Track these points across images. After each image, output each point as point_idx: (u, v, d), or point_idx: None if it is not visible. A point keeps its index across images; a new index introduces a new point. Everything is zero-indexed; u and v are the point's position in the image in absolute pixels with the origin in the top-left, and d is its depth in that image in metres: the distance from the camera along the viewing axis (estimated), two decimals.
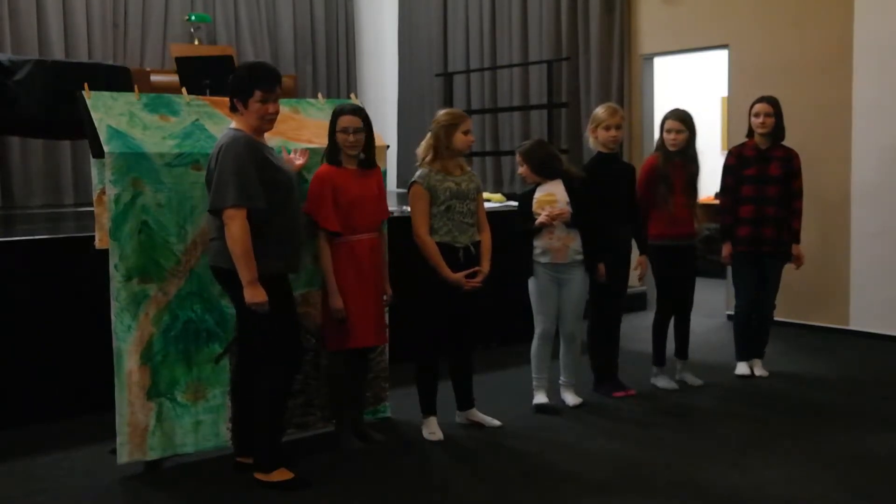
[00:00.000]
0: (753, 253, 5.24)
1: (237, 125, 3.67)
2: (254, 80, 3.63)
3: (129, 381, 3.79)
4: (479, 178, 4.54)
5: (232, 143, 3.56)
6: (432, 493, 3.70)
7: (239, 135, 3.61)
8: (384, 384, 4.61)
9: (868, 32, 6.35)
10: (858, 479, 3.76)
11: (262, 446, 3.76)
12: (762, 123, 5.17)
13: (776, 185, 5.18)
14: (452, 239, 4.25)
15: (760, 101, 5.23)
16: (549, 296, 4.67)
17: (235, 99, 3.64)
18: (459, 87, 9.79)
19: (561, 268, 4.63)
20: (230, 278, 3.59)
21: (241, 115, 3.66)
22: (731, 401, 4.97)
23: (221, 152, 3.55)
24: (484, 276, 4.32)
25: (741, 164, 5.25)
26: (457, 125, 4.26)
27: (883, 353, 6.03)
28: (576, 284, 4.67)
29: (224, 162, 3.52)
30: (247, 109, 3.63)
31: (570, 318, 4.73)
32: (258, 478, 3.72)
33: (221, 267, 3.64)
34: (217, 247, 3.64)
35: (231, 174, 3.49)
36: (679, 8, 7.59)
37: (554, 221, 4.55)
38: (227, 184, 3.49)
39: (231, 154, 3.53)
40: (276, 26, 11.17)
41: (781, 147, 5.24)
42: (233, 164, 3.51)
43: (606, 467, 3.94)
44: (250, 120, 3.64)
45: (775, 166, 5.18)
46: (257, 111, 3.62)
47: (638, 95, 8.00)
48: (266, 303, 3.54)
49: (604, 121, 4.90)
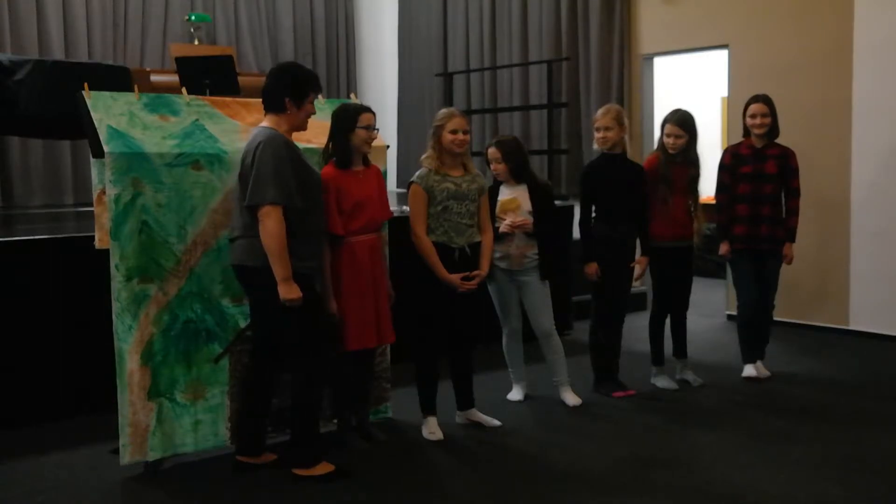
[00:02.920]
0: (751, 251, 5.24)
1: (272, 124, 3.71)
2: (310, 82, 3.78)
3: (130, 382, 3.79)
4: (483, 178, 4.49)
5: (271, 141, 3.61)
6: (432, 492, 3.70)
7: (276, 134, 3.66)
8: (385, 384, 4.61)
9: (868, 32, 6.35)
10: (858, 480, 3.75)
11: (303, 442, 3.78)
12: (759, 124, 5.16)
13: (772, 184, 5.18)
14: (448, 239, 4.25)
15: (755, 100, 5.23)
16: (509, 296, 4.77)
17: (288, 99, 3.70)
18: (459, 87, 9.80)
19: (517, 272, 4.69)
20: (256, 276, 3.62)
21: (286, 114, 3.72)
22: (731, 401, 4.97)
23: (260, 149, 3.58)
24: (481, 278, 4.32)
25: (737, 162, 5.25)
26: (443, 125, 4.26)
27: (883, 353, 6.03)
28: (535, 284, 4.70)
29: (263, 159, 3.56)
30: (298, 110, 3.72)
31: (538, 317, 4.76)
32: (299, 473, 3.75)
33: (248, 265, 3.65)
34: (244, 245, 3.65)
35: (271, 172, 3.54)
36: (679, 8, 7.59)
37: (515, 231, 4.58)
38: (266, 181, 3.53)
39: (270, 152, 3.57)
40: (276, 26, 11.18)
41: (777, 145, 5.24)
42: (273, 161, 3.56)
43: (606, 467, 3.94)
44: (296, 120, 3.74)
45: (771, 164, 5.19)
46: (307, 112, 3.77)
47: (638, 95, 8.00)
48: (300, 298, 3.58)
49: (595, 121, 4.94)
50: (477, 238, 4.35)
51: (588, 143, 8.12)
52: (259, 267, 3.59)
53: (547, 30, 8.87)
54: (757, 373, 5.35)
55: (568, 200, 7.50)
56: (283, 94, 3.71)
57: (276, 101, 3.72)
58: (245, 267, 3.68)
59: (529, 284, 4.71)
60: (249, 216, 3.61)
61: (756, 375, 5.33)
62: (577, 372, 5.05)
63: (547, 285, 4.74)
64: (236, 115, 4.17)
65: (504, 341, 4.92)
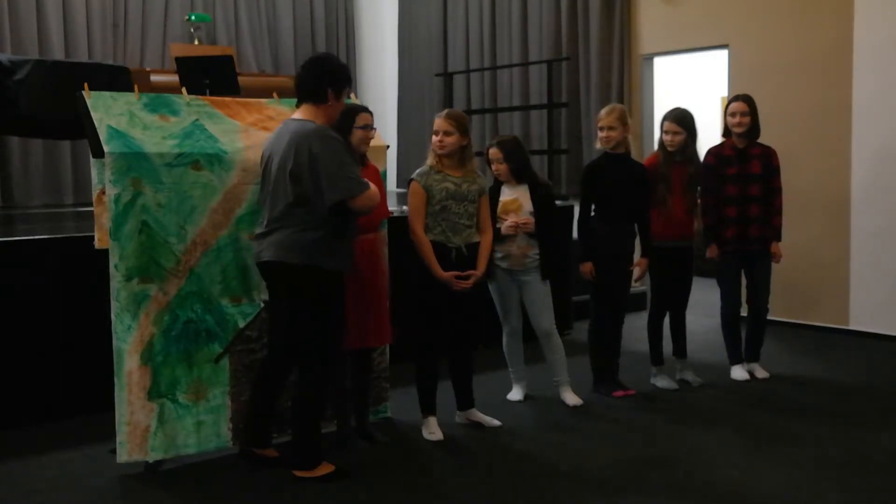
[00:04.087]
0: (741, 252, 5.24)
1: (309, 116, 3.68)
2: (347, 76, 3.78)
3: (129, 381, 3.79)
4: (484, 179, 4.48)
5: (328, 135, 3.61)
6: (432, 493, 3.70)
7: (325, 127, 3.65)
8: (384, 384, 4.61)
9: (868, 32, 6.35)
10: (858, 480, 3.76)
11: (305, 445, 3.78)
12: (738, 123, 5.16)
13: (758, 184, 5.18)
14: (446, 239, 4.25)
15: (735, 100, 5.23)
16: (510, 295, 4.77)
17: (330, 89, 3.68)
18: (459, 87, 9.80)
19: (518, 271, 4.69)
20: (295, 274, 3.60)
21: (325, 105, 3.70)
22: (731, 401, 4.97)
23: (322, 144, 3.54)
24: (476, 278, 4.31)
25: (721, 163, 5.24)
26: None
27: (882, 353, 6.03)
28: (535, 284, 4.70)
29: (335, 153, 3.55)
30: (336, 102, 3.72)
31: (538, 316, 4.76)
32: (301, 475, 3.74)
33: (286, 262, 3.62)
34: (283, 241, 3.62)
35: (348, 164, 3.59)
36: (679, 8, 7.59)
37: (518, 231, 4.59)
38: (348, 174, 3.56)
39: (337, 146, 3.59)
40: (276, 26, 11.17)
41: (759, 145, 5.24)
42: (345, 154, 3.61)
43: (606, 467, 3.94)
44: (333, 112, 3.74)
45: (756, 164, 5.19)
46: (342, 104, 3.79)
47: (638, 95, 8.00)
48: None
49: (599, 120, 4.93)
50: (475, 238, 4.35)
51: (588, 143, 8.15)
52: (299, 265, 3.58)
53: (547, 30, 8.87)
54: (747, 374, 5.35)
55: (568, 200, 7.50)
56: (326, 85, 3.68)
57: (318, 91, 3.68)
58: (283, 263, 3.63)
59: (530, 284, 4.71)
60: (303, 211, 3.57)
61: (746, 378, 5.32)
62: (577, 372, 5.05)
63: (548, 285, 4.74)
64: (236, 115, 4.17)
65: (504, 340, 4.93)
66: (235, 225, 3.98)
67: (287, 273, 3.65)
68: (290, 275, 3.65)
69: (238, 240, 3.99)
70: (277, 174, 3.64)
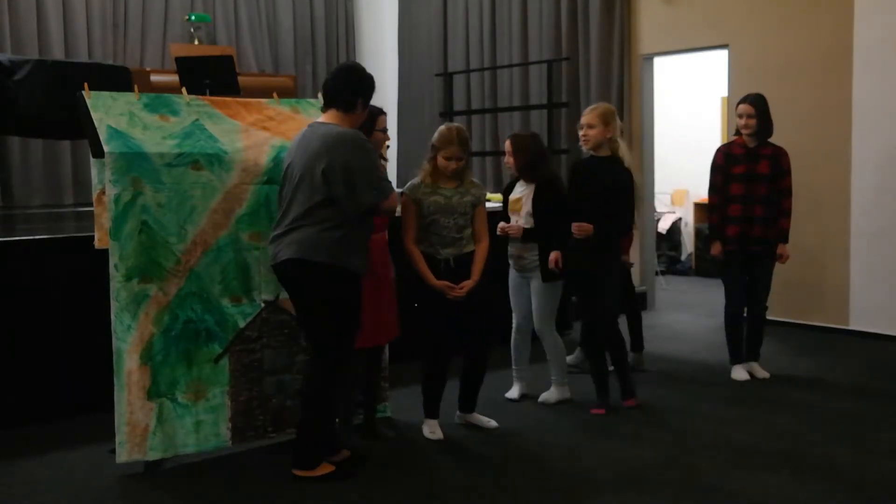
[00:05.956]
0: (743, 252, 5.24)
1: (336, 121, 3.76)
2: (374, 86, 3.88)
3: (128, 381, 3.79)
4: (481, 189, 4.41)
5: (364, 139, 3.73)
6: (432, 492, 3.70)
7: (359, 133, 3.76)
8: (384, 384, 4.60)
9: (868, 32, 6.35)
10: (859, 480, 3.76)
11: (306, 444, 3.78)
12: (745, 125, 5.19)
13: (765, 184, 5.18)
14: (434, 251, 4.26)
15: (744, 101, 5.25)
16: (519, 292, 4.88)
17: (361, 100, 3.79)
18: (459, 87, 9.79)
19: (523, 271, 4.80)
20: (318, 272, 3.62)
21: (354, 114, 3.79)
22: (731, 401, 4.96)
23: (360, 148, 3.66)
24: (468, 287, 4.24)
25: (729, 162, 5.25)
26: (440, 149, 4.25)
27: (883, 353, 6.03)
28: (537, 285, 4.74)
29: (366, 157, 3.68)
30: (363, 111, 3.85)
31: (538, 317, 4.81)
32: (300, 475, 3.75)
33: (310, 260, 3.63)
34: (306, 238, 3.63)
35: (377, 168, 3.80)
36: (679, 8, 7.59)
37: (509, 234, 4.72)
38: (378, 177, 3.77)
39: (367, 149, 3.71)
40: (276, 26, 11.17)
41: (770, 145, 5.24)
42: (377, 158, 3.86)
43: (606, 467, 3.94)
44: (358, 122, 3.84)
45: (764, 164, 5.19)
46: (366, 113, 3.91)
47: (638, 95, 7.99)
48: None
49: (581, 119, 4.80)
50: (468, 249, 4.30)
51: None
52: (324, 263, 3.61)
53: (547, 30, 8.87)
54: (748, 375, 5.35)
55: None
56: (358, 95, 3.78)
57: (349, 100, 3.76)
58: (305, 261, 3.63)
59: (532, 284, 4.76)
60: (328, 210, 3.61)
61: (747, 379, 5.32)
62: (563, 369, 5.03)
63: (553, 286, 4.73)
64: (236, 115, 4.17)
65: (512, 337, 5.00)
66: (235, 225, 3.98)
67: (307, 270, 3.65)
68: (312, 273, 3.65)
69: (238, 240, 3.99)
70: (304, 174, 3.66)
